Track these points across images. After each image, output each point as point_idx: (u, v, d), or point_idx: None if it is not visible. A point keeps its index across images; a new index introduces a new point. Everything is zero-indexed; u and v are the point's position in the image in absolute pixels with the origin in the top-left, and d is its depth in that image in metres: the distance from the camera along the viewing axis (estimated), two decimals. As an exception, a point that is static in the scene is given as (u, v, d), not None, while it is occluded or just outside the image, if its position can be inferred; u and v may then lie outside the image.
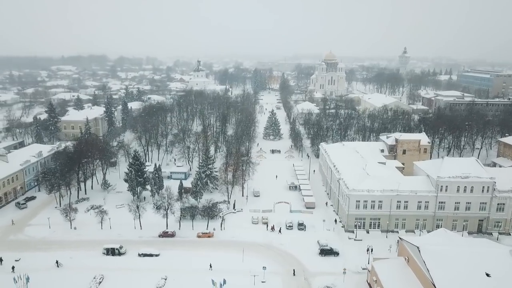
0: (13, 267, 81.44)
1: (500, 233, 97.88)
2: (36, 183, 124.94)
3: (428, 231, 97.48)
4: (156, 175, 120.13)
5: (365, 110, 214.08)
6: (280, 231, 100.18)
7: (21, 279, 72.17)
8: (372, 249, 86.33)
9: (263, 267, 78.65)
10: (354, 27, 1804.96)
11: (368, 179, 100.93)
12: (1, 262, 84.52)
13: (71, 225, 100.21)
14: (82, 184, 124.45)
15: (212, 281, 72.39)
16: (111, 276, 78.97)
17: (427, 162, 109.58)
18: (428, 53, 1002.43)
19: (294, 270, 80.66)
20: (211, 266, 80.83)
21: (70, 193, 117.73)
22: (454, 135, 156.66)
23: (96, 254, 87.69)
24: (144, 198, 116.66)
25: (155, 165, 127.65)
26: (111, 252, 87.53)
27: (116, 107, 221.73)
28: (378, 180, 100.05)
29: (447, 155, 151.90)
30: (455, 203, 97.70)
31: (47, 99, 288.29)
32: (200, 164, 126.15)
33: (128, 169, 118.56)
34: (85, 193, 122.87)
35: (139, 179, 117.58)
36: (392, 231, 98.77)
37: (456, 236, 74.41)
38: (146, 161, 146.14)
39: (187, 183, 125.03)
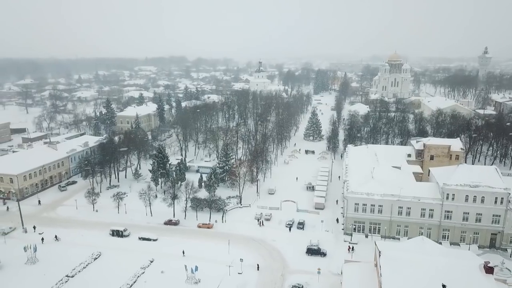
0: (42, 239, 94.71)
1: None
2: (79, 170, 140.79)
3: (433, 241, 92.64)
4: (178, 168, 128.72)
5: (419, 113, 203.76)
6: (290, 229, 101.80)
7: (29, 248, 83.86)
8: (353, 248, 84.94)
9: (240, 259, 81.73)
10: (438, 27, 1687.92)
11: (370, 182, 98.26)
12: (34, 229, 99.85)
13: (93, 207, 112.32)
14: (117, 173, 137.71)
15: (185, 266, 77.37)
16: (107, 254, 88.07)
17: (441, 169, 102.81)
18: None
19: (258, 264, 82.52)
20: (184, 253, 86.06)
21: (104, 179, 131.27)
22: (501, 143, 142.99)
23: (103, 234, 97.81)
24: (164, 192, 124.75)
25: (185, 159, 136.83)
26: (116, 233, 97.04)
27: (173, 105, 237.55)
28: (381, 184, 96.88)
29: (491, 164, 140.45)
30: (464, 213, 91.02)
31: (119, 96, 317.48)
32: (220, 159, 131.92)
33: (152, 161, 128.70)
34: (118, 181, 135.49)
35: (162, 170, 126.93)
36: (393, 238, 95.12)
37: (434, 245, 70.26)
38: (182, 156, 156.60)
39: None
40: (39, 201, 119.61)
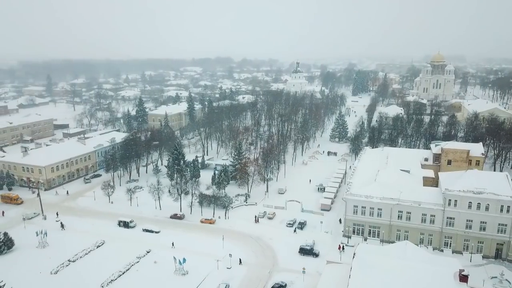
0: (62, 226, 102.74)
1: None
2: (104, 164, 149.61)
3: (434, 248, 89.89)
4: (192, 164, 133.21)
5: (451, 116, 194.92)
6: (295, 230, 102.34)
7: (41, 233, 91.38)
8: (344, 247, 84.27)
9: (229, 254, 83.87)
10: (501, 25, 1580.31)
11: (372, 185, 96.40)
12: (57, 215, 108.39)
13: (109, 199, 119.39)
14: (138, 168, 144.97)
15: (174, 258, 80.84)
16: (110, 243, 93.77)
17: (448, 174, 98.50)
18: None
19: (240, 259, 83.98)
20: (173, 245, 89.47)
21: (125, 173, 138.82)
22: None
23: (112, 224, 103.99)
24: (177, 189, 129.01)
25: (203, 156, 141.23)
26: (122, 224, 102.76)
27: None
28: (383, 187, 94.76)
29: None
30: (467, 220, 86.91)
31: (159, 95, 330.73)
32: (233, 158, 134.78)
33: (168, 158, 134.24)
34: (138, 176, 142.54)
35: (177, 167, 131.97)
36: (393, 243, 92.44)
37: (416, 250, 67.97)
38: (203, 153, 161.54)
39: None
40: (67, 192, 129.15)
